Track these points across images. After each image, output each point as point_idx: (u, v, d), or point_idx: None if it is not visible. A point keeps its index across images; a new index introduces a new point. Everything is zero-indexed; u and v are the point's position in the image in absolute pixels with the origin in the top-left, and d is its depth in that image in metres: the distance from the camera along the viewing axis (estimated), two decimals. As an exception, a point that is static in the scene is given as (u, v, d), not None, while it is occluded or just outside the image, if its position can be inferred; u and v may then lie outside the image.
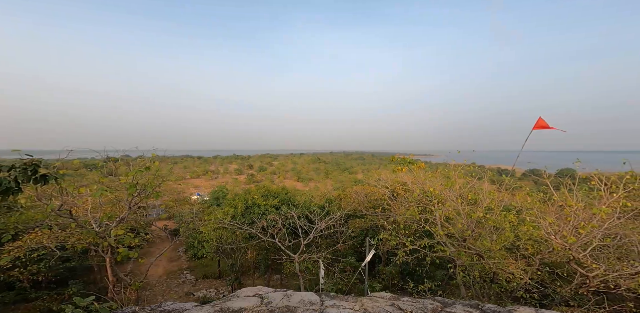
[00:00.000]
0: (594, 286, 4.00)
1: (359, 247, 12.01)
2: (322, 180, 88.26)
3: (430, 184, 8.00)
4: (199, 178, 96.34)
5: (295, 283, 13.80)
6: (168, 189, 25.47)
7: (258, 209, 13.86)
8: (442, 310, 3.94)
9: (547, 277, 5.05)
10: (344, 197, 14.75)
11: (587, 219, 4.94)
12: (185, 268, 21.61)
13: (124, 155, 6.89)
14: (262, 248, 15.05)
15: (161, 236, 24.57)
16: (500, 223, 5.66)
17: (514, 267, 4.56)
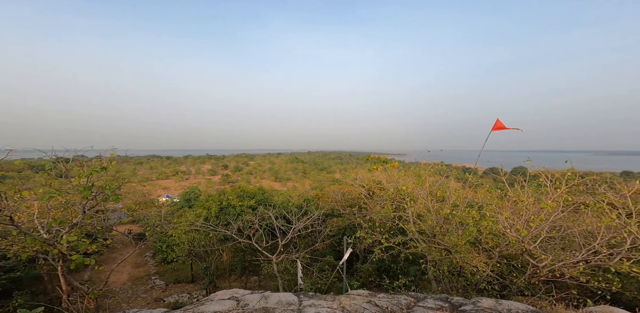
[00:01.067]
0: (544, 275, 4.52)
1: (337, 246, 12.27)
2: (300, 180, 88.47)
3: (403, 182, 8.38)
4: (168, 179, 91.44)
5: (273, 284, 13.75)
6: (131, 192, 23.86)
7: (233, 210, 13.50)
8: (415, 304, 4.20)
9: (505, 268, 5.56)
10: (322, 197, 14.94)
11: (536, 213, 5.45)
12: (154, 273, 20.61)
13: (77, 155, 6.30)
14: (238, 250, 14.80)
15: (124, 242, 23.10)
16: (465, 218, 6.10)
17: (477, 261, 4.98)
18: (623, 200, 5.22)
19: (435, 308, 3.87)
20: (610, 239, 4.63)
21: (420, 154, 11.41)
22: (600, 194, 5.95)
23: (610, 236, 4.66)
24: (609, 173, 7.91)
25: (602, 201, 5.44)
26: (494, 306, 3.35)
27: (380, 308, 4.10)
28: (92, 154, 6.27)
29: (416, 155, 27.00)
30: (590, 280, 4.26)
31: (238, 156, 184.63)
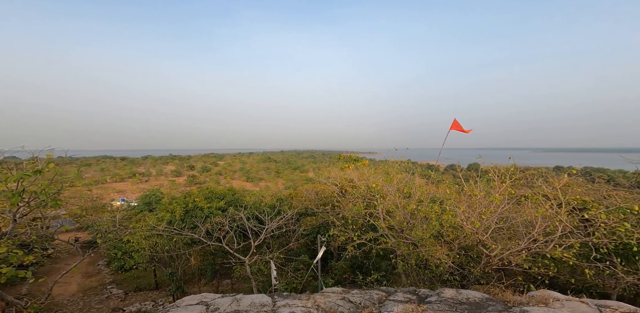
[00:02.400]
0: (495, 264, 5.11)
1: (311, 245, 12.44)
2: (273, 180, 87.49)
3: (373, 180, 8.72)
4: (124, 181, 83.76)
5: (247, 287, 13.53)
6: (76, 197, 21.51)
7: (201, 212, 12.90)
8: (386, 298, 4.46)
9: (464, 259, 6.11)
10: (296, 196, 14.95)
11: (487, 205, 5.96)
12: (110, 282, 19.18)
13: (7, 157, 5.47)
14: (207, 254, 14.34)
15: (71, 251, 21.00)
16: (429, 213, 6.52)
17: (440, 253, 5.42)
18: (555, 191, 6.02)
19: (405, 301, 4.15)
20: (545, 228, 5.35)
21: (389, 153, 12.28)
22: (537, 187, 6.82)
23: (546, 225, 5.38)
24: (544, 168, 9.14)
25: (538, 193, 6.24)
26: (455, 296, 3.72)
27: (354, 304, 4.29)
28: (26, 156, 5.50)
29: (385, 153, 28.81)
30: (532, 267, 4.92)
31: (205, 156, 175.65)
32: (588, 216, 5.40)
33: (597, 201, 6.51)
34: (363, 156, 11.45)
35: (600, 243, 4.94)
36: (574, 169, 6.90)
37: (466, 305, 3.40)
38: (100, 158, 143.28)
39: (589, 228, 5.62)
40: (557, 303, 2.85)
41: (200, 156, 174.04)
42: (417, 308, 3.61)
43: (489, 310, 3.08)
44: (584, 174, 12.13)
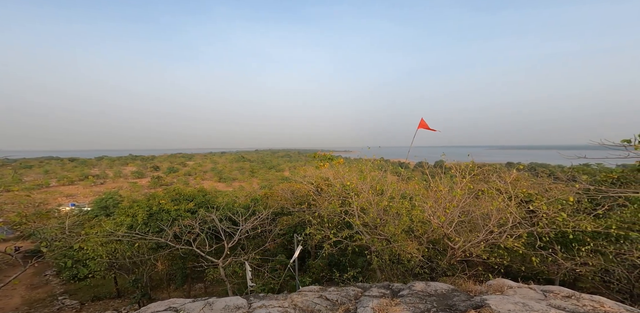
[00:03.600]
0: (459, 256, 5.59)
1: (288, 244, 12.43)
2: (248, 179, 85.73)
3: (348, 178, 8.92)
4: (74, 184, 75.60)
5: (221, 289, 13.16)
6: (14, 202, 19.00)
7: (167, 215, 12.23)
8: (362, 294, 4.64)
9: (432, 253, 6.59)
10: (271, 195, 14.75)
11: (450, 200, 6.36)
12: (61, 293, 17.62)
13: None
14: (176, 258, 13.70)
15: (10, 261, 18.91)
16: (400, 209, 6.86)
17: (411, 248, 5.78)
18: (506, 186, 6.67)
19: (379, 295, 4.36)
20: (499, 219, 5.95)
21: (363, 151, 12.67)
22: (492, 182, 7.51)
23: (500, 217, 5.97)
24: (498, 164, 10.14)
25: (493, 187, 6.88)
26: (425, 288, 4.02)
27: (331, 301, 4.41)
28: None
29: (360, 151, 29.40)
30: (490, 257, 5.48)
31: (172, 156, 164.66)
32: (533, 208, 6.10)
33: (540, 193, 7.34)
34: (338, 154, 11.62)
35: (543, 232, 5.66)
36: (521, 165, 7.67)
37: (434, 297, 3.69)
38: (44, 159, 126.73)
39: (534, 218, 6.36)
40: (510, 291, 3.25)
41: (166, 156, 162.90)
42: (390, 303, 3.82)
43: (454, 300, 3.39)
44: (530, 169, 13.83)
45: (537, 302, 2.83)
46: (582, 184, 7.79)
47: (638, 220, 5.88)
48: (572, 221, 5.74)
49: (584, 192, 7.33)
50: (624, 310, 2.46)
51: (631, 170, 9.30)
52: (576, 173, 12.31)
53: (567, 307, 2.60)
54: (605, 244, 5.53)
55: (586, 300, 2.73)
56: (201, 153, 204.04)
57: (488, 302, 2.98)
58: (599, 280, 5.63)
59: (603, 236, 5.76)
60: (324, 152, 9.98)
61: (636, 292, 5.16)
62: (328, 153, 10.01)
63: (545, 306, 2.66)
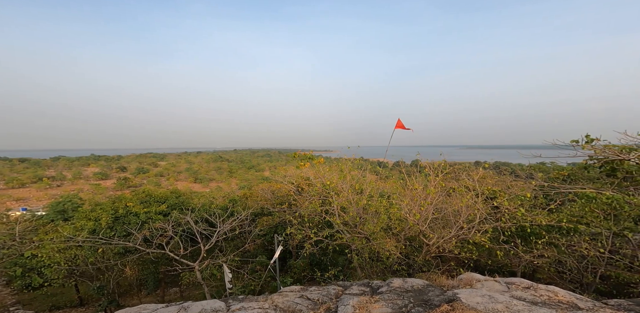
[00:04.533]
0: (433, 252, 5.94)
1: (268, 245, 12.36)
2: (226, 180, 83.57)
3: (328, 177, 9.03)
4: (25, 187, 68.63)
5: (198, 293, 12.76)
6: None
7: (135, 218, 11.69)
8: (342, 293, 4.76)
9: (409, 249, 6.90)
10: (251, 196, 14.50)
11: (425, 198, 6.70)
12: (13, 303, 16.06)
13: None
14: (147, 262, 13.11)
15: None
16: (378, 207, 7.09)
17: (389, 245, 6.02)
18: (474, 183, 7.19)
19: (359, 293, 4.51)
20: (468, 216, 6.42)
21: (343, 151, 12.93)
22: (462, 180, 8.05)
23: (469, 213, 6.43)
24: (467, 163, 10.87)
25: (462, 185, 7.37)
26: (402, 284, 4.23)
27: (312, 300, 4.48)
28: None
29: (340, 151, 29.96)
30: (461, 252, 5.89)
31: (141, 156, 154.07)
32: (496, 204, 6.64)
33: (503, 190, 8.00)
34: (319, 154, 11.72)
35: (506, 227, 6.20)
36: (487, 164, 8.28)
37: (411, 293, 3.91)
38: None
39: (498, 214, 6.92)
40: (478, 284, 3.54)
41: (134, 156, 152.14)
42: (370, 300, 3.97)
43: (429, 295, 3.62)
44: (494, 168, 15.00)
45: (501, 293, 3.12)
46: (538, 181, 8.60)
47: (585, 213, 6.64)
48: (529, 216, 6.33)
49: (540, 188, 8.12)
50: (574, 299, 2.81)
51: (579, 168, 10.42)
52: (533, 171, 13.59)
53: (526, 297, 2.91)
54: (558, 237, 6.20)
55: (542, 291, 3.07)
56: (174, 153, 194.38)
57: (459, 295, 3.22)
58: (554, 270, 6.31)
59: (556, 230, 6.44)
60: (305, 151, 10.01)
61: (585, 281, 5.87)
62: (308, 153, 10.05)
63: (508, 297, 2.94)
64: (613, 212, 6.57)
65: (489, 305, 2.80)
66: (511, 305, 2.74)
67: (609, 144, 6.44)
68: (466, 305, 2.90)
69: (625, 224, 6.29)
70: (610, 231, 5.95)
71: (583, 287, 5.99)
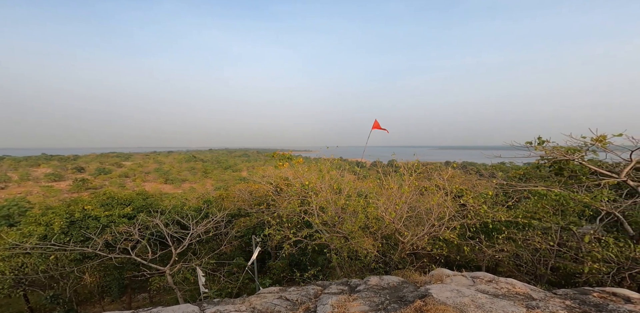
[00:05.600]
0: (408, 249, 6.24)
1: (246, 246, 12.10)
2: (200, 180, 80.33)
3: (307, 177, 9.05)
4: None
5: (170, 298, 12.21)
6: None
7: (95, 222, 10.96)
8: (322, 292, 4.83)
9: (386, 248, 7.18)
10: (227, 197, 14.07)
11: (400, 197, 6.99)
12: None
13: None
14: (110, 268, 12.33)
15: None
16: (356, 207, 7.28)
17: (367, 244, 6.22)
18: (444, 182, 7.64)
19: (338, 292, 4.61)
20: (439, 213, 6.83)
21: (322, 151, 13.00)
22: (433, 179, 8.52)
23: (439, 211, 6.84)
24: (439, 163, 11.52)
25: (433, 184, 7.80)
26: (379, 282, 4.41)
27: (291, 301, 4.50)
28: None
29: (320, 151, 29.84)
30: (433, 249, 6.25)
31: (103, 155, 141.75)
32: (463, 202, 7.14)
33: (469, 189, 8.62)
34: (298, 154, 11.68)
35: (471, 223, 6.70)
36: (455, 164, 8.84)
37: (387, 290, 4.10)
38: None
39: (464, 211, 7.46)
40: (448, 279, 3.82)
41: (94, 155, 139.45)
42: (348, 298, 4.08)
43: (404, 292, 3.82)
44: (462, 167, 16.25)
45: (467, 288, 3.40)
46: (498, 180, 9.39)
47: (537, 209, 7.39)
48: (491, 212, 6.88)
49: (500, 187, 8.87)
50: (529, 290, 3.16)
51: (532, 167, 11.48)
52: (495, 170, 14.75)
53: (489, 290, 3.21)
54: (515, 232, 6.83)
55: (502, 283, 3.40)
56: (142, 152, 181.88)
57: (431, 291, 3.45)
58: (513, 264, 6.96)
59: (514, 225, 7.10)
60: (284, 152, 9.94)
61: (538, 272, 6.56)
62: (287, 153, 9.98)
63: (474, 291, 3.21)
64: (561, 208, 7.39)
65: (457, 299, 3.04)
66: (476, 298, 3.00)
67: (557, 146, 7.23)
68: (437, 300, 3.12)
69: (570, 219, 7.12)
70: (559, 226, 6.70)
71: (537, 278, 6.68)
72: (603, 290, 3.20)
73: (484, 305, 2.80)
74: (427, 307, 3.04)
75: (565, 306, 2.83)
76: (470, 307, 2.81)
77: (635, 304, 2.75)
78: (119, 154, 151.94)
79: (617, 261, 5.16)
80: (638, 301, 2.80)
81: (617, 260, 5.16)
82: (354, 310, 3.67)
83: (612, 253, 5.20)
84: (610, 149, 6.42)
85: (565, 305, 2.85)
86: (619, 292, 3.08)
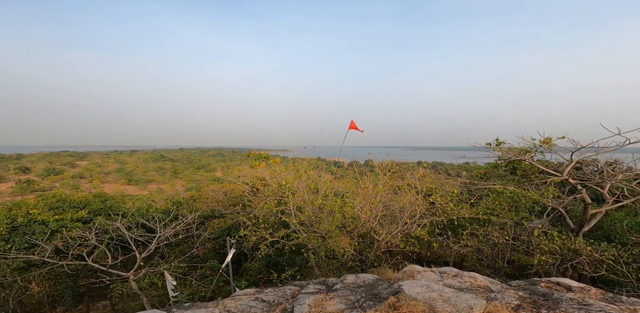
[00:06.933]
0: (383, 247, 6.49)
1: (220, 248, 11.72)
2: (169, 181, 76.03)
3: (284, 177, 8.98)
4: None
5: (135, 305, 11.48)
6: None
7: (43, 227, 10.00)
8: (299, 292, 4.85)
9: (363, 246, 7.38)
10: (200, 197, 13.45)
11: (375, 196, 7.23)
12: None
13: None
14: (62, 275, 11.33)
15: None
16: (333, 206, 7.40)
17: (344, 243, 6.36)
18: (415, 181, 8.07)
19: (315, 292, 4.67)
20: (411, 211, 7.20)
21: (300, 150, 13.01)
22: (406, 178, 8.93)
23: (411, 209, 7.21)
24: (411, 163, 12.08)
25: (406, 183, 8.19)
26: (355, 280, 4.55)
27: (267, 302, 4.48)
28: None
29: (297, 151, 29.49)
30: (406, 246, 6.57)
31: (52, 154, 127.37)
32: (432, 200, 7.60)
33: (438, 187, 9.17)
34: (276, 154, 11.53)
35: (439, 220, 7.17)
36: (425, 164, 9.33)
37: (363, 288, 4.24)
38: None
39: (433, 209, 7.96)
40: (419, 275, 4.06)
41: (42, 154, 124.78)
42: (325, 297, 4.16)
43: (379, 289, 3.99)
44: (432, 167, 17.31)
45: (436, 283, 3.65)
46: (463, 179, 10.13)
47: (495, 206, 8.11)
48: (456, 210, 7.42)
49: (464, 185, 9.58)
50: (489, 283, 3.49)
51: (491, 167, 12.50)
52: (460, 169, 15.89)
53: (455, 284, 3.48)
54: (477, 227, 7.44)
55: (466, 277, 3.71)
56: (101, 151, 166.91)
57: (403, 287, 3.64)
58: (476, 258, 7.58)
59: (476, 221, 7.73)
60: (260, 151, 9.76)
61: (497, 266, 7.21)
62: (264, 152, 9.82)
63: (442, 286, 3.46)
64: (515, 204, 8.18)
65: (426, 294, 3.25)
66: (443, 292, 3.23)
67: (512, 147, 7.96)
68: (409, 296, 3.31)
69: (522, 214, 7.92)
70: (513, 221, 7.42)
71: (496, 271, 7.34)
72: (549, 280, 3.65)
73: (450, 299, 3.04)
74: (399, 303, 3.21)
75: (518, 297, 3.17)
76: (438, 301, 3.03)
77: (575, 292, 3.19)
78: (72, 154, 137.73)
79: (561, 252, 5.87)
80: (577, 289, 3.25)
81: (560, 252, 5.87)
82: (331, 308, 3.75)
83: (556, 246, 5.90)
84: (554, 151, 7.10)
85: (519, 295, 3.20)
86: (561, 281, 3.54)
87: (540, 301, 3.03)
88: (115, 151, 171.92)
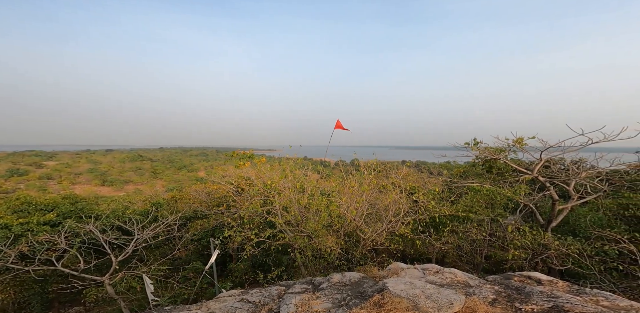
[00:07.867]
0: (368, 245, 6.61)
1: (203, 250, 11.43)
2: (148, 181, 73.13)
3: (270, 177, 8.89)
4: None
5: (112, 310, 10.98)
6: None
7: (5, 231, 9.40)
8: (285, 292, 4.85)
9: (349, 245, 7.44)
10: (181, 198, 12.99)
11: (360, 195, 7.34)
12: None
13: None
14: (28, 281, 10.63)
15: None
16: (319, 206, 7.45)
17: (330, 242, 6.41)
18: (399, 180, 8.28)
19: (301, 291, 4.68)
20: (396, 210, 7.38)
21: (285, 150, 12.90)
22: (390, 177, 9.14)
23: (396, 207, 7.40)
24: (396, 162, 12.36)
25: (391, 182, 8.39)
26: (341, 279, 4.61)
27: (253, 303, 4.44)
28: None
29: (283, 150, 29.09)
30: (390, 244, 6.73)
31: (15, 154, 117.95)
32: (415, 198, 7.83)
33: (421, 186, 9.46)
34: (262, 153, 11.38)
35: (422, 218, 7.42)
36: (409, 163, 9.59)
37: (349, 286, 4.31)
38: None
39: (416, 207, 8.20)
40: (403, 273, 4.19)
41: (4, 154, 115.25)
42: (312, 297, 4.18)
43: (364, 287, 4.07)
44: (415, 166, 17.91)
45: (419, 279, 3.79)
46: (444, 177, 10.52)
47: (473, 204, 8.50)
48: (438, 207, 7.70)
49: (445, 184, 9.96)
50: (467, 278, 3.67)
51: (470, 166, 13.07)
52: (441, 168, 16.51)
53: (436, 281, 3.63)
54: (457, 224, 7.77)
55: (446, 274, 3.88)
56: (71, 151, 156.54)
57: (387, 285, 3.74)
58: (456, 254, 7.92)
59: (456, 219, 8.07)
60: (245, 150, 9.61)
61: (476, 261, 7.57)
62: (249, 152, 9.68)
63: (424, 282, 3.59)
64: (491, 202, 8.63)
65: (410, 291, 3.37)
66: (425, 289, 3.36)
67: (488, 147, 8.37)
68: (393, 293, 3.41)
69: (497, 211, 8.36)
70: (489, 218, 7.82)
71: (475, 267, 7.72)
72: (521, 274, 3.90)
73: (432, 295, 3.16)
74: (384, 300, 3.30)
75: (494, 291, 3.37)
76: (421, 297, 3.14)
77: (544, 285, 3.44)
78: (39, 153, 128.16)
79: (532, 247, 6.27)
80: (546, 282, 3.50)
81: (532, 247, 6.27)
82: (317, 308, 3.77)
83: (528, 241, 6.30)
84: (526, 150, 7.54)
85: (494, 290, 3.40)
86: (532, 275, 3.80)
87: (514, 295, 3.24)
88: (87, 151, 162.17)
